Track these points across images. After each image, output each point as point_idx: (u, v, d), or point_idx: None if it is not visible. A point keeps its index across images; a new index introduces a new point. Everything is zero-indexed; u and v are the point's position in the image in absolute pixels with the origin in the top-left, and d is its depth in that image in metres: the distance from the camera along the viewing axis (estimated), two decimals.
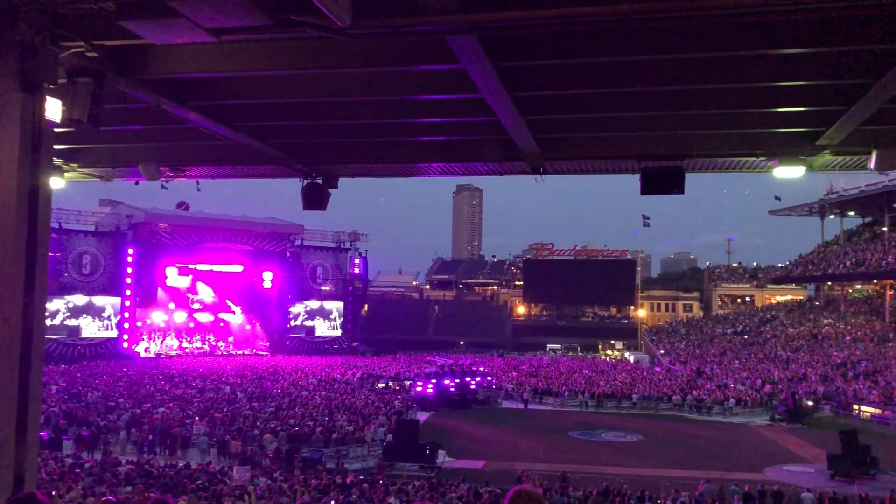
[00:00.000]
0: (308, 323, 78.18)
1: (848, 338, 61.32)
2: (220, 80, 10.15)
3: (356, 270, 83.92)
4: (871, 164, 11.34)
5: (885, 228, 68.42)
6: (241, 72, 9.30)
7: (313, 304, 79.03)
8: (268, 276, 76.21)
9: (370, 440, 31.06)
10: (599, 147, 12.67)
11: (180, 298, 72.46)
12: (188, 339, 71.66)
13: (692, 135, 12.16)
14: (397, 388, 48.24)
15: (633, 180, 12.70)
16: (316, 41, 8.04)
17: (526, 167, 12.99)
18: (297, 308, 77.96)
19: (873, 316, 66.47)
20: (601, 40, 8.35)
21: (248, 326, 75.67)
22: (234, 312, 75.29)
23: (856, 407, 43.12)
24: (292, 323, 77.48)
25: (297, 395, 40.17)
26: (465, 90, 9.21)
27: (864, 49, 8.50)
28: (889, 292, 65.25)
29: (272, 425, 31.01)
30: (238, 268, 74.86)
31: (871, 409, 41.88)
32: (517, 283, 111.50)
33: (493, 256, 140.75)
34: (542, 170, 13.11)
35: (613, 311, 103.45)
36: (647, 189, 12.39)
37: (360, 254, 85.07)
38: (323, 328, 79.41)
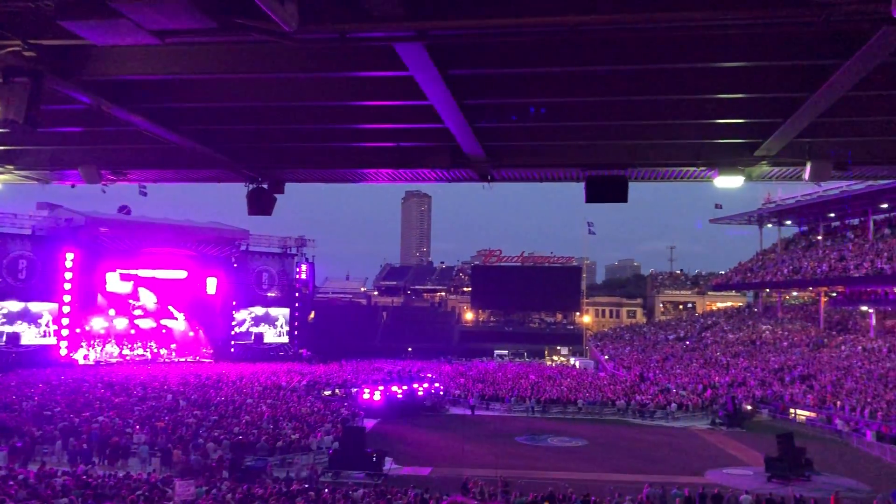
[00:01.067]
0: (254, 329, 77.08)
1: (785, 343, 63.16)
2: (165, 83, 9.98)
3: (303, 276, 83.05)
4: (806, 175, 11.74)
5: (819, 237, 70.74)
6: (186, 75, 9.16)
7: (259, 310, 77.94)
8: (212, 282, 74.85)
9: (316, 448, 30.75)
10: (545, 155, 12.83)
11: (121, 304, 70.64)
12: (129, 346, 69.84)
13: (636, 145, 12.41)
14: (344, 395, 47.89)
15: (580, 188, 12.92)
16: (262, 45, 7.97)
17: (474, 174, 13.09)
18: (242, 314, 76.78)
19: (808, 322, 68.60)
20: (547, 51, 8.48)
21: (192, 333, 74.18)
22: (176, 319, 73.70)
23: (792, 410, 44.47)
24: (237, 330, 76.26)
25: (241, 403, 39.51)
26: (413, 97, 9.24)
27: (798, 64, 8.81)
28: (823, 299, 67.46)
29: (216, 434, 30.44)
30: (181, 273, 73.35)
31: (807, 413, 43.23)
32: (465, 289, 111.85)
33: (442, 263, 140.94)
34: (489, 177, 13.23)
35: (559, 317, 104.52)
36: (591, 197, 12.62)
37: (306, 259, 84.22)
38: (269, 335, 78.37)
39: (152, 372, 57.07)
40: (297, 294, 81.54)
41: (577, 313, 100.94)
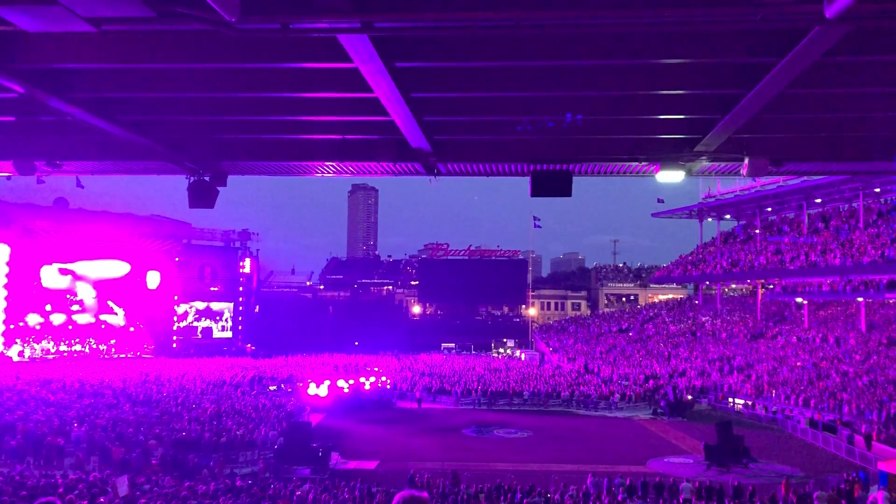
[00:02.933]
0: (196, 324, 75.75)
1: (724, 334, 64.90)
2: (103, 72, 9.70)
3: (247, 270, 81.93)
4: (744, 171, 12.04)
5: (757, 231, 72.80)
6: (125, 64, 8.91)
7: (202, 304, 76.61)
8: (153, 276, 73.26)
9: (261, 444, 30.41)
10: (491, 150, 12.88)
11: (58, 300, 68.60)
12: (66, 342, 67.91)
13: (580, 140, 12.55)
14: (290, 390, 47.46)
15: (526, 183, 13.01)
16: (204, 35, 7.81)
17: (420, 168, 13.05)
18: (185, 309, 75.37)
19: (746, 313, 70.58)
20: (493, 44, 8.51)
21: (132, 328, 72.49)
22: (116, 314, 71.92)
23: (731, 400, 45.75)
24: (179, 325, 74.83)
25: (183, 399, 38.82)
26: (359, 89, 9.17)
27: (736, 62, 9.03)
28: (760, 291, 69.49)
29: (157, 431, 29.86)
30: (121, 267, 71.58)
31: (744, 401, 44.53)
32: (413, 282, 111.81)
33: (389, 256, 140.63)
34: (436, 171, 13.21)
35: (506, 309, 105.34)
36: (536, 192, 12.72)
37: (250, 253, 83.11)
38: (213, 330, 77.11)
39: (91, 368, 55.62)
40: (241, 288, 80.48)
41: (523, 306, 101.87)
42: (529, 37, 8.36)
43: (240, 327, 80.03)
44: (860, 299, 54.34)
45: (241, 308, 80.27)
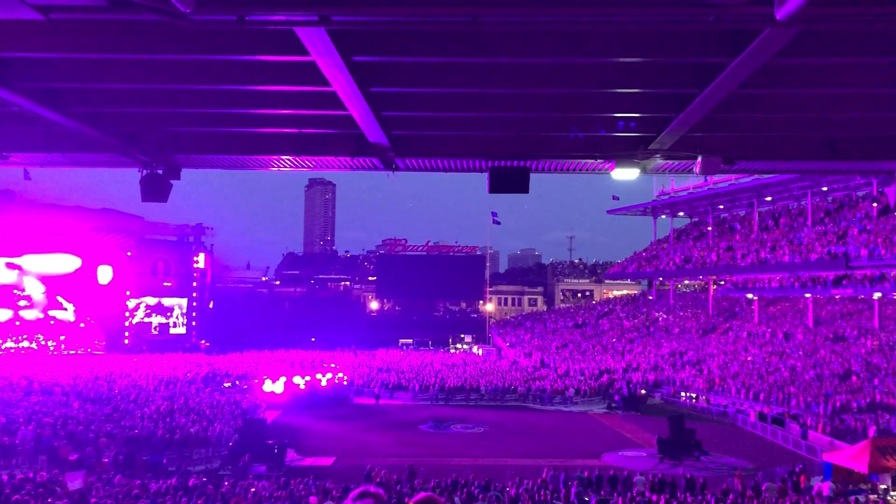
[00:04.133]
0: (149, 320, 74.43)
1: (676, 329, 66.03)
2: (51, 62, 9.44)
3: (201, 265, 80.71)
4: (697, 169, 12.25)
5: (709, 228, 74.19)
6: (75, 53, 8.69)
7: (154, 300, 75.28)
8: (104, 271, 71.70)
9: (215, 441, 30.03)
10: (450, 145, 12.89)
11: (4, 295, 66.72)
12: (14, 338, 66.11)
13: (537, 137, 12.65)
14: (245, 386, 46.95)
15: (485, 179, 13.06)
16: (157, 25, 7.66)
17: (379, 163, 13.00)
18: (137, 304, 73.98)
19: (699, 309, 71.90)
20: (452, 40, 8.51)
21: (83, 324, 70.89)
22: (66, 310, 70.21)
23: (683, 394, 46.58)
24: (132, 321, 73.45)
25: (135, 396, 38.13)
26: (316, 83, 9.09)
27: (690, 62, 9.18)
28: (712, 287, 70.87)
29: (108, 429, 29.29)
30: (71, 261, 69.89)
31: (696, 395, 45.39)
32: (371, 278, 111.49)
33: (347, 252, 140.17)
34: (394, 166, 13.18)
35: (463, 305, 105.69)
36: (494, 188, 12.79)
37: (205, 248, 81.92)
38: (166, 326, 75.84)
39: (40, 366, 54.26)
40: (195, 284, 79.27)
41: (481, 302, 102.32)
42: (488, 33, 8.38)
43: (194, 323, 78.87)
44: (808, 295, 55.76)
45: (195, 304, 79.10)
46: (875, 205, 52.88)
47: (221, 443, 29.85)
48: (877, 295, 49.15)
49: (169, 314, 76.66)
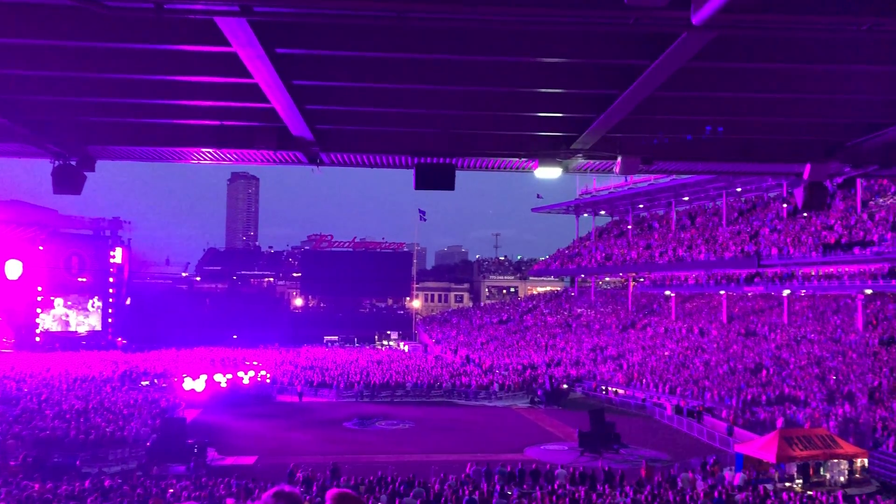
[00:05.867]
0: (64, 317, 71.56)
1: (597, 325, 67.55)
2: None
3: (118, 260, 78.08)
4: (617, 169, 12.54)
5: (629, 227, 76.14)
6: None
7: (68, 297, 72.39)
8: (13, 266, 68.49)
9: (132, 441, 29.14)
10: (375, 141, 12.81)
11: None
12: None
13: (463, 134, 12.69)
14: (164, 385, 45.71)
15: (411, 175, 13.03)
16: (70, 11, 7.36)
17: (303, 157, 12.80)
18: (50, 300, 71.01)
19: (619, 305, 73.72)
20: (378, 35, 8.45)
21: None
22: None
23: (604, 388, 47.69)
24: (44, 318, 70.46)
25: (47, 396, 36.61)
26: (238, 74, 8.88)
27: (612, 63, 9.37)
28: (632, 284, 72.78)
29: (17, 430, 28.05)
30: None
31: (616, 390, 46.54)
32: (295, 274, 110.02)
33: (271, 247, 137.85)
34: (318, 160, 13.01)
35: (390, 302, 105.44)
36: (420, 184, 12.78)
37: (122, 242, 79.30)
38: (80, 323, 73.06)
39: None
40: (111, 279, 76.67)
41: (408, 298, 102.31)
42: (414, 29, 8.36)
43: (110, 320, 76.32)
44: (722, 292, 57.86)
45: (111, 300, 76.54)
46: (785, 206, 55.29)
47: (139, 443, 29.01)
48: (786, 292, 51.43)
49: (84, 311, 73.87)
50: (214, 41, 7.68)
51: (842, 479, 25.10)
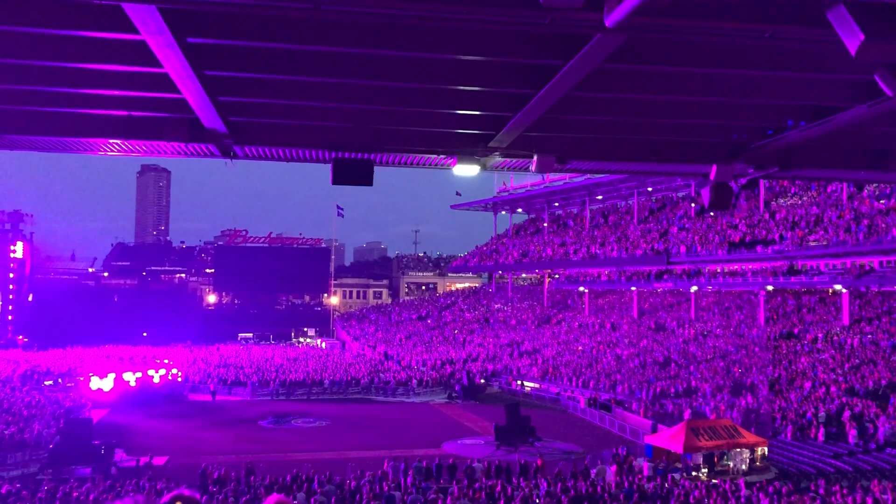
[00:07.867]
0: None
1: (514, 321, 68.52)
2: None
3: (18, 255, 74.49)
4: (533, 167, 12.73)
5: (545, 224, 77.53)
6: None
7: None
8: None
9: (34, 444, 27.88)
10: (292, 135, 12.60)
11: None
12: None
13: (382, 129, 12.62)
14: (69, 384, 43.88)
15: (329, 170, 12.87)
16: None
17: (216, 150, 12.48)
18: None
19: (535, 301, 74.99)
20: (294, 27, 8.33)
21: None
22: None
23: (520, 382, 48.42)
24: None
25: None
26: (148, 63, 8.58)
27: (528, 62, 9.50)
28: (547, 280, 74.12)
29: None
30: None
31: (531, 384, 47.33)
32: (208, 270, 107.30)
33: (182, 243, 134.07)
34: (232, 154, 12.71)
35: (307, 298, 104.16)
36: (337, 179, 12.63)
37: (23, 236, 75.69)
38: None
39: None
40: (11, 275, 73.11)
41: (325, 294, 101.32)
42: (332, 22, 8.26)
43: (10, 318, 72.73)
44: (633, 288, 59.61)
45: (11, 296, 72.98)
46: (693, 205, 57.42)
47: (41, 445, 27.82)
48: (693, 288, 53.40)
49: None
50: (123, 28, 7.40)
51: (744, 466, 26.23)
